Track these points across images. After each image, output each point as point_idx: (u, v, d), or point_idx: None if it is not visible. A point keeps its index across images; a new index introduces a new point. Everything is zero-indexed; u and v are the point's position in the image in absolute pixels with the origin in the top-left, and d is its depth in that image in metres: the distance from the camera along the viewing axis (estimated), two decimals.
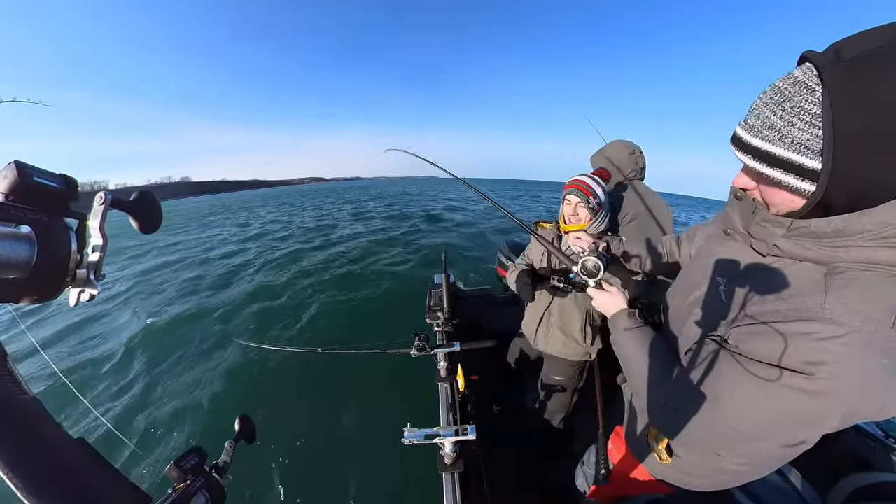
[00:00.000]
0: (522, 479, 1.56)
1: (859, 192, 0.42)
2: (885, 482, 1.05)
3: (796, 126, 0.43)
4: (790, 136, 0.44)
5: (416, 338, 1.56)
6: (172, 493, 0.46)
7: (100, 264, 0.37)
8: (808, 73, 0.43)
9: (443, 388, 1.63)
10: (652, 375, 0.67)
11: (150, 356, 4.71)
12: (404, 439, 1.15)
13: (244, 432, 0.68)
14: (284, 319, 5.39)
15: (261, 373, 3.88)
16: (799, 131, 0.43)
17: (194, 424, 3.25)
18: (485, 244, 10.00)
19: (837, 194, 0.43)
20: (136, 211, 0.39)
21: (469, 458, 1.25)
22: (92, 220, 0.36)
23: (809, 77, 0.42)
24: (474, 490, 1.22)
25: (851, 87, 0.39)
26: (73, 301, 0.37)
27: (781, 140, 0.45)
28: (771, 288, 0.52)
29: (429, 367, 1.79)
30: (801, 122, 0.43)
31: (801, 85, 0.43)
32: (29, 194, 0.31)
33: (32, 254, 0.31)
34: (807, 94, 0.42)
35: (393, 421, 1.30)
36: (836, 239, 0.45)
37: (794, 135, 0.43)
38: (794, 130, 0.43)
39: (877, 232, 0.42)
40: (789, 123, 0.44)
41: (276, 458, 2.72)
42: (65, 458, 0.32)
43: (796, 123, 0.43)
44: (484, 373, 2.08)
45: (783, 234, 0.51)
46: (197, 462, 0.51)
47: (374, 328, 4.83)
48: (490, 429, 1.70)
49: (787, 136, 0.44)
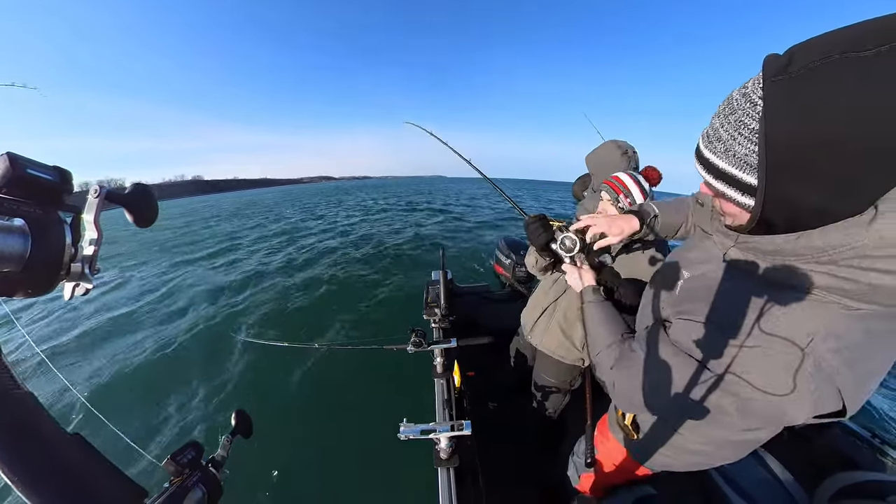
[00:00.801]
0: (517, 474, 1.57)
1: (794, 214, 0.42)
2: (871, 481, 1.07)
3: (737, 141, 0.42)
4: (732, 150, 0.43)
5: (412, 334, 1.56)
6: (169, 487, 0.46)
7: (94, 258, 0.37)
8: (755, 85, 0.40)
9: (439, 383, 1.63)
10: (604, 341, 0.77)
11: (146, 351, 4.69)
12: (400, 434, 1.16)
13: (241, 427, 0.68)
14: (282, 314, 5.39)
15: (257, 368, 3.87)
16: (739, 146, 0.42)
17: (190, 419, 3.25)
18: (483, 241, 10.01)
19: (774, 213, 0.43)
20: (130, 204, 0.39)
21: (464, 454, 1.26)
22: (86, 214, 0.35)
23: (755, 89, 0.40)
24: (469, 485, 1.23)
25: (789, 103, 0.36)
26: (67, 295, 0.36)
27: (725, 153, 0.44)
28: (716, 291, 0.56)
29: (425, 363, 1.80)
30: (741, 136, 0.41)
31: (747, 98, 0.41)
32: (22, 187, 0.31)
33: (26, 247, 0.30)
34: (749, 108, 0.40)
35: (389, 416, 1.31)
36: (776, 257, 0.46)
37: (735, 149, 0.42)
38: (736, 145, 0.42)
39: (812, 256, 0.42)
40: (732, 137, 0.43)
41: (273, 453, 2.72)
42: (61, 453, 0.32)
43: (737, 138, 0.42)
44: (480, 369, 2.09)
45: (732, 246, 0.53)
46: (194, 456, 0.52)
47: (371, 324, 4.83)
48: (485, 425, 1.72)
49: (729, 150, 0.43)
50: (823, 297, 0.44)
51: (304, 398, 3.34)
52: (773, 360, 0.47)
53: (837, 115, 0.33)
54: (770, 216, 0.44)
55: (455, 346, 1.62)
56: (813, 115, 0.34)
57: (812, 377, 0.44)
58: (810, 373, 0.44)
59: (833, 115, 0.33)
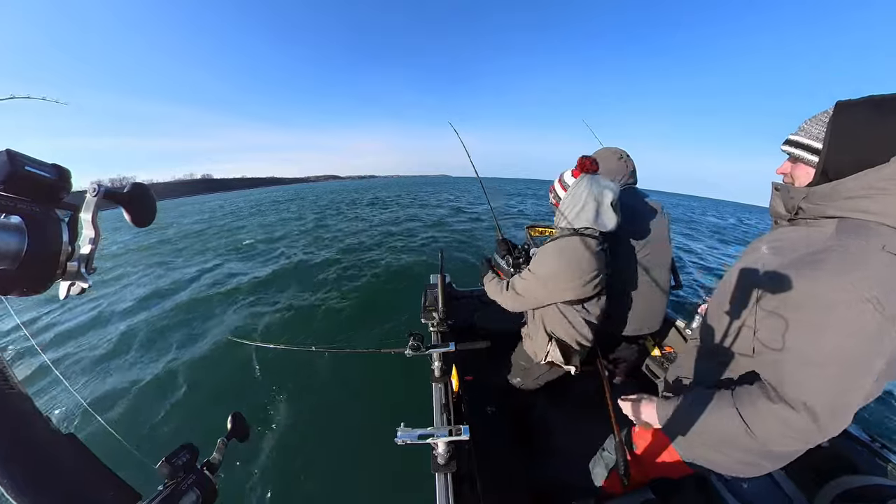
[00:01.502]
0: (515, 479, 1.56)
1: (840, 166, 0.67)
2: (871, 485, 1.07)
3: (814, 126, 0.71)
4: (809, 131, 0.72)
5: (410, 338, 1.55)
6: (163, 490, 0.45)
7: (91, 257, 0.36)
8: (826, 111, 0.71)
9: (437, 388, 1.62)
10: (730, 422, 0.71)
11: (143, 350, 4.65)
12: (398, 439, 1.15)
13: (237, 430, 0.67)
14: (280, 316, 5.36)
15: (254, 370, 3.84)
16: (814, 128, 0.71)
17: (186, 421, 3.21)
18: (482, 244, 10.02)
19: (830, 164, 0.68)
20: (128, 203, 0.39)
21: (462, 459, 1.25)
22: (84, 212, 0.35)
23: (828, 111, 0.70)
24: (467, 490, 1.22)
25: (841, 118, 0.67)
26: (62, 294, 0.36)
27: (806, 133, 0.73)
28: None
29: (423, 367, 1.79)
30: (818, 123, 0.71)
31: (824, 112, 0.71)
32: (20, 184, 0.31)
33: (22, 245, 0.30)
34: (822, 115, 0.71)
35: (387, 420, 1.30)
36: (837, 194, 0.67)
37: (812, 130, 0.72)
38: (812, 128, 0.72)
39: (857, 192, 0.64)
40: (811, 125, 0.72)
41: (269, 457, 2.69)
42: (53, 454, 0.31)
43: (814, 125, 0.71)
44: (478, 373, 2.08)
45: (804, 197, 0.72)
46: (188, 459, 0.51)
47: (369, 327, 4.81)
48: (484, 430, 1.70)
49: (808, 131, 0.72)
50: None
51: (300, 402, 3.31)
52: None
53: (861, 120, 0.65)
54: (828, 167, 0.69)
55: (453, 350, 1.61)
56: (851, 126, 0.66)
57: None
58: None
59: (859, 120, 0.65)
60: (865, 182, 0.63)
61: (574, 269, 1.25)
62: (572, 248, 1.25)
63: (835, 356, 0.60)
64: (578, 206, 1.27)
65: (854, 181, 0.64)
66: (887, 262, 0.58)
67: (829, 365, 0.60)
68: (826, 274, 0.61)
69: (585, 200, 1.26)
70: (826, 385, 0.61)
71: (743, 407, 0.70)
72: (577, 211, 1.28)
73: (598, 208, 1.26)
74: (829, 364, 0.60)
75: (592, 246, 1.26)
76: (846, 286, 0.58)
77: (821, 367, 0.61)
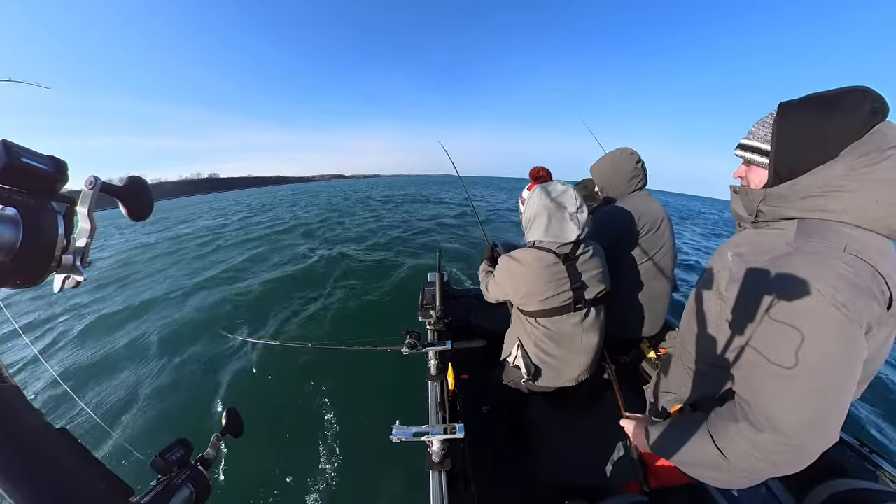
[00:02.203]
0: (509, 478, 1.57)
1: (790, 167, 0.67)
2: (859, 489, 1.08)
3: (760, 129, 0.74)
4: (757, 134, 0.74)
5: (407, 335, 1.55)
6: (157, 485, 0.45)
7: (87, 250, 0.36)
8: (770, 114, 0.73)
9: (433, 386, 1.63)
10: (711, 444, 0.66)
11: (138, 345, 4.62)
12: (392, 437, 1.15)
13: (231, 426, 0.67)
14: (276, 313, 5.34)
15: (250, 367, 3.83)
16: (761, 131, 0.73)
17: (180, 417, 3.20)
18: (480, 243, 10.02)
19: (780, 165, 0.69)
20: (125, 197, 0.38)
21: (457, 457, 1.25)
22: (80, 205, 0.35)
23: (772, 113, 0.72)
24: (461, 488, 1.22)
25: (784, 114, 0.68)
26: (57, 287, 0.36)
27: (754, 136, 0.75)
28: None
29: (419, 365, 1.79)
30: (764, 126, 0.73)
31: (769, 115, 0.73)
32: (16, 175, 0.30)
33: (17, 237, 0.30)
34: (767, 117, 0.73)
35: (382, 418, 1.30)
36: (794, 194, 0.67)
37: (759, 133, 0.73)
38: (759, 131, 0.74)
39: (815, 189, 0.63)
40: (758, 129, 0.74)
41: (263, 453, 2.69)
42: (45, 447, 0.31)
43: (761, 129, 0.74)
44: (474, 372, 2.08)
45: (762, 200, 0.72)
46: (182, 454, 0.51)
47: (365, 324, 4.81)
48: (479, 428, 1.71)
49: (756, 135, 0.74)
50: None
51: (295, 399, 3.30)
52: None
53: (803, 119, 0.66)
54: (778, 168, 0.69)
55: (450, 348, 1.61)
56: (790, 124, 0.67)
57: None
58: None
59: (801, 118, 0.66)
60: (820, 179, 0.62)
61: (516, 281, 1.23)
62: (519, 259, 1.22)
63: (807, 368, 0.55)
64: (529, 219, 1.24)
65: (808, 178, 0.63)
66: (851, 262, 0.55)
67: (800, 377, 0.55)
68: (791, 281, 0.58)
69: (536, 212, 1.21)
70: (798, 399, 0.56)
71: (716, 432, 0.66)
72: (528, 225, 1.25)
73: (547, 221, 1.18)
74: (801, 376, 0.55)
75: (545, 260, 1.18)
76: (813, 293, 0.55)
77: (791, 380, 0.56)
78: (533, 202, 1.22)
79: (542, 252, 1.19)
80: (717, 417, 0.69)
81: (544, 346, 1.29)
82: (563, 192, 1.19)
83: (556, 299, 1.21)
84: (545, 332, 1.27)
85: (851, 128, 0.59)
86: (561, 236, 1.18)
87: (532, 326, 1.30)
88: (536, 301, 1.22)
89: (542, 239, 1.20)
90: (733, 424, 0.63)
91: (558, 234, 1.18)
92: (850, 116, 0.59)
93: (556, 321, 1.25)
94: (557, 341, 1.28)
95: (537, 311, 1.25)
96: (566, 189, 1.21)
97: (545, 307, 1.22)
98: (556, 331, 1.26)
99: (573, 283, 1.20)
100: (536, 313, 1.26)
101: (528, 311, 1.28)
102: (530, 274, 1.19)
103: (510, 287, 1.26)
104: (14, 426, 0.30)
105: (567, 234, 1.17)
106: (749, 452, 0.60)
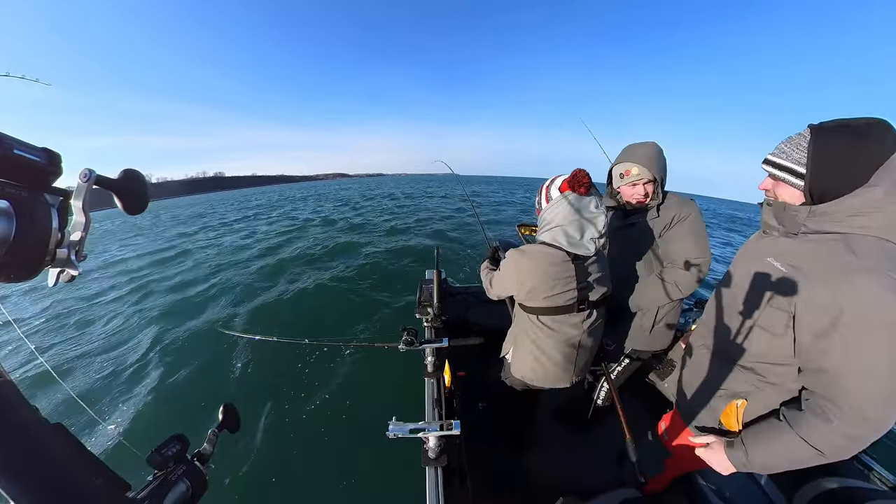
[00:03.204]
0: (505, 474, 1.58)
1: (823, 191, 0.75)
2: (849, 487, 1.10)
3: (795, 150, 0.78)
4: (791, 155, 0.79)
5: (404, 332, 1.56)
6: (153, 481, 0.45)
7: (81, 244, 0.36)
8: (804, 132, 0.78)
9: (429, 383, 1.63)
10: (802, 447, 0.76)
11: (134, 342, 4.60)
12: (389, 433, 1.15)
13: (228, 421, 0.67)
14: (273, 309, 5.33)
15: (246, 363, 3.82)
16: (796, 152, 0.78)
17: (176, 412, 3.19)
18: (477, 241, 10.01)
19: (816, 186, 0.75)
20: (120, 190, 0.38)
21: (453, 453, 1.26)
22: (75, 199, 0.34)
23: (806, 132, 0.78)
24: (457, 484, 1.23)
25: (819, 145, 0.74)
26: (51, 281, 0.35)
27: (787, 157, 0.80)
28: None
29: (416, 362, 1.79)
30: (799, 147, 0.77)
31: (800, 135, 0.79)
32: (8, 167, 0.30)
33: (10, 230, 0.29)
34: (801, 138, 0.78)
35: (378, 414, 1.30)
36: (840, 212, 0.73)
37: (794, 155, 0.78)
38: (793, 152, 0.78)
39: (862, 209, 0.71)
40: (791, 149, 0.79)
41: (258, 449, 2.70)
42: (40, 443, 0.31)
43: (795, 149, 0.78)
44: (471, 369, 2.09)
45: (807, 216, 0.78)
46: (178, 450, 0.51)
47: (363, 321, 4.80)
48: (475, 425, 1.72)
49: (790, 155, 0.79)
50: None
51: (292, 394, 3.30)
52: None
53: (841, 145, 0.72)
54: (813, 188, 0.76)
55: (447, 345, 1.62)
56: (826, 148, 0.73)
57: None
58: None
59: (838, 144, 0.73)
60: (861, 201, 0.71)
61: (523, 275, 1.20)
62: (529, 253, 1.20)
63: (890, 369, 0.67)
64: (549, 223, 1.20)
65: (851, 200, 0.72)
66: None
67: (886, 377, 0.67)
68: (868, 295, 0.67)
69: (560, 222, 1.16)
70: (886, 395, 0.68)
71: (809, 435, 0.75)
72: (546, 226, 1.21)
73: (567, 237, 1.15)
74: (888, 377, 0.67)
75: (555, 256, 1.17)
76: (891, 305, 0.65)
77: (879, 380, 0.68)
78: (560, 210, 1.16)
79: (553, 249, 1.18)
80: (804, 422, 0.76)
81: (544, 345, 1.29)
82: (596, 218, 1.15)
83: (562, 297, 1.20)
84: (547, 330, 1.27)
85: (877, 157, 0.70)
86: (576, 250, 1.17)
87: (533, 324, 1.29)
88: (542, 297, 1.20)
89: (556, 244, 1.18)
90: (826, 425, 0.72)
91: (576, 249, 1.17)
92: (878, 147, 0.69)
93: (559, 320, 1.25)
94: (558, 340, 1.27)
95: (541, 308, 1.24)
96: (599, 215, 1.16)
97: (550, 304, 1.21)
98: (557, 330, 1.26)
99: (580, 283, 1.20)
100: (539, 310, 1.25)
101: (531, 307, 1.26)
102: (539, 268, 1.18)
103: (516, 281, 1.24)
104: (10, 421, 0.30)
105: (582, 251, 1.17)
106: (845, 445, 0.72)
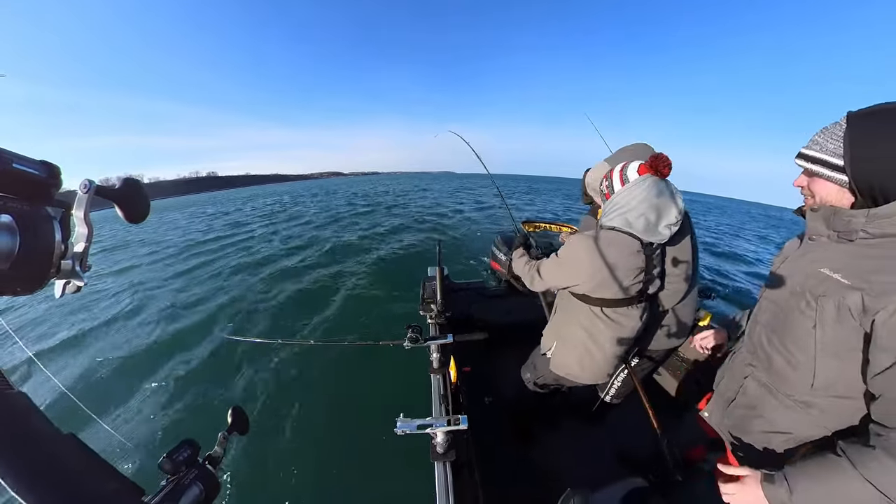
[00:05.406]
0: (513, 467, 1.59)
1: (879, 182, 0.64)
2: None
3: (829, 140, 0.69)
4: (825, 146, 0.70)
5: (409, 330, 1.56)
6: (166, 486, 0.46)
7: (85, 254, 0.36)
8: (840, 121, 0.68)
9: (435, 379, 1.64)
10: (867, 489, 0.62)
11: (139, 348, 4.63)
12: (397, 429, 1.16)
13: (237, 424, 0.67)
14: (278, 311, 5.35)
15: (253, 365, 3.85)
16: (830, 143, 0.69)
17: (186, 418, 3.23)
18: (480, 237, 10.01)
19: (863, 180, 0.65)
20: (121, 200, 0.38)
21: (461, 448, 1.27)
22: (76, 210, 0.34)
23: (842, 121, 0.68)
24: (466, 478, 1.25)
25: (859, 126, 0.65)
26: (58, 293, 0.36)
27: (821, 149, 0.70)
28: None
29: (422, 359, 1.80)
30: (834, 137, 0.68)
31: (836, 124, 0.69)
32: (8, 182, 0.30)
33: (14, 245, 0.30)
34: (836, 127, 0.68)
35: (386, 411, 1.31)
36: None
37: (828, 146, 0.69)
38: (828, 143, 0.69)
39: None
40: (826, 140, 0.70)
41: (269, 450, 2.73)
42: (55, 452, 0.31)
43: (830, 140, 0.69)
44: (476, 364, 2.10)
45: (865, 220, 0.68)
46: (190, 454, 0.51)
47: (367, 319, 4.82)
48: (481, 419, 1.73)
49: (824, 147, 0.70)
50: None
51: (298, 395, 3.33)
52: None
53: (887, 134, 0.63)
54: (860, 185, 0.66)
55: (451, 341, 1.63)
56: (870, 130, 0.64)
57: None
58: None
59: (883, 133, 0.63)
60: None
61: (597, 262, 1.09)
62: (610, 240, 1.10)
63: None
64: (623, 206, 1.09)
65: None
66: None
67: None
68: None
69: (636, 206, 1.06)
70: None
71: (877, 477, 0.61)
72: (617, 208, 1.10)
73: (646, 222, 1.06)
74: None
75: (634, 245, 1.09)
76: None
77: None
78: (640, 193, 1.06)
79: (627, 236, 1.09)
80: (874, 461, 0.62)
81: (602, 337, 1.21)
82: (675, 202, 1.07)
83: (633, 289, 1.12)
84: (608, 322, 1.19)
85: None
86: (650, 236, 1.08)
87: (593, 316, 1.19)
88: (616, 288, 1.10)
89: (630, 230, 1.09)
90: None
91: (650, 236, 1.08)
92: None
93: (622, 312, 1.17)
94: (616, 333, 1.19)
95: (607, 300, 1.15)
96: (678, 200, 1.08)
97: (621, 296, 1.13)
98: (618, 322, 1.18)
99: (647, 274, 1.13)
100: (605, 301, 1.16)
101: (596, 297, 1.16)
102: (620, 257, 1.08)
103: (587, 271, 1.11)
104: (26, 430, 0.30)
105: (656, 238, 1.08)
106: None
